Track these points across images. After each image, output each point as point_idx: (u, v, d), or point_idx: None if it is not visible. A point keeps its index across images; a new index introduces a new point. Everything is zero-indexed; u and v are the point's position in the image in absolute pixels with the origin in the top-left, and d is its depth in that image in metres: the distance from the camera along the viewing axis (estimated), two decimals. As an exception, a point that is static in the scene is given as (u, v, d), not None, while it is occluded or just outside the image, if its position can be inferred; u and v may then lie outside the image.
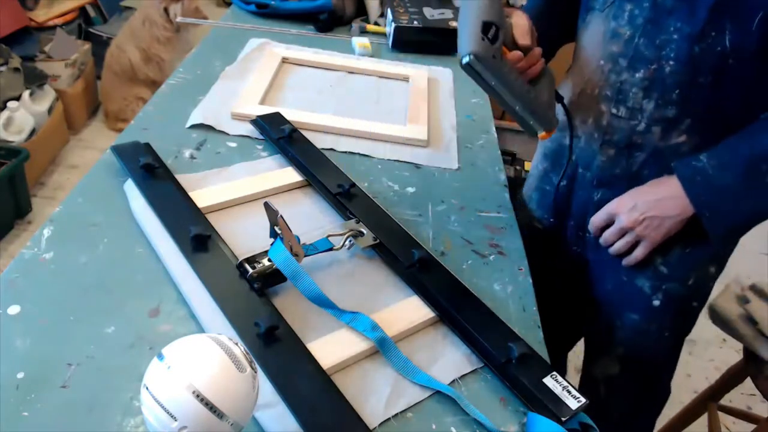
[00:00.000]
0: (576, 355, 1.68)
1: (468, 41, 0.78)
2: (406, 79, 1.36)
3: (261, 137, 1.07)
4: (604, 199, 0.89)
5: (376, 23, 1.64)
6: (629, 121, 0.83)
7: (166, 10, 2.55)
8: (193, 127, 1.07)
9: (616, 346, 0.94)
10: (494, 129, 1.23)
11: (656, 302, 0.87)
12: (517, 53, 0.82)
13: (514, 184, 1.45)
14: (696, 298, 0.87)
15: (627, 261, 0.85)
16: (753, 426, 1.36)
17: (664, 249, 0.84)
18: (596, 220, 0.86)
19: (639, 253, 0.83)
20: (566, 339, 1.19)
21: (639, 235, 0.82)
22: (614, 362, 0.96)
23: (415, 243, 0.85)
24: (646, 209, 0.80)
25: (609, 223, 0.85)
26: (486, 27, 0.78)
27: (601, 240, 0.86)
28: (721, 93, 0.74)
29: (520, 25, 0.82)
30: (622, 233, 0.83)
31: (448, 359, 0.72)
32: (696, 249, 0.83)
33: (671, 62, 0.77)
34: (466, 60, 0.78)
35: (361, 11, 1.68)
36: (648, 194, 0.81)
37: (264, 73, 1.26)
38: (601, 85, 0.85)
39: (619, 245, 0.84)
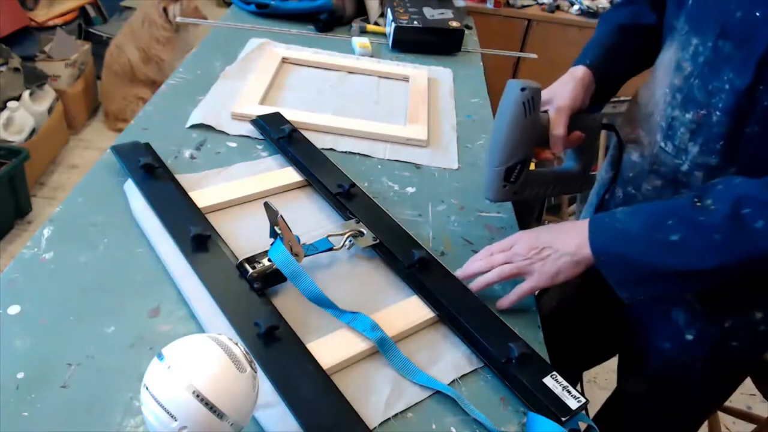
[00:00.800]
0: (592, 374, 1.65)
1: (490, 189, 0.83)
2: (406, 79, 1.36)
3: (261, 137, 1.07)
4: None
5: (376, 23, 1.64)
6: (674, 158, 0.80)
7: (165, 10, 2.55)
8: (193, 127, 1.07)
9: (647, 368, 0.92)
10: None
11: (689, 336, 0.84)
12: (549, 155, 0.85)
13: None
14: (736, 339, 0.83)
15: (502, 302, 0.79)
16: (753, 426, 1.36)
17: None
18: (495, 246, 0.81)
19: (525, 286, 0.77)
20: (592, 355, 1.17)
21: (530, 266, 0.76)
22: (643, 382, 0.94)
23: (415, 243, 0.85)
24: (548, 241, 0.76)
25: (509, 248, 0.79)
26: (510, 171, 0.81)
27: (486, 262, 0.79)
28: (766, 146, 0.71)
29: (557, 135, 0.81)
30: (513, 259, 0.78)
31: (448, 359, 0.72)
32: (733, 293, 0.79)
33: (718, 113, 0.74)
34: (488, 200, 0.86)
35: (361, 11, 1.68)
36: (554, 230, 0.78)
37: (264, 73, 1.26)
38: (660, 113, 0.82)
39: (504, 269, 0.78)
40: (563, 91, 0.84)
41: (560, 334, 0.82)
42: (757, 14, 0.68)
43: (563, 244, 0.75)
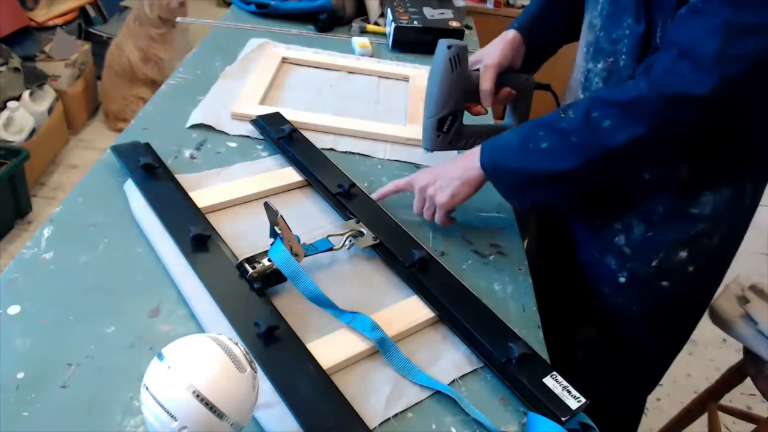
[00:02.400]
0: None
1: (426, 138, 0.94)
2: (406, 79, 1.36)
3: (261, 137, 1.07)
4: None
5: (376, 23, 1.64)
6: None
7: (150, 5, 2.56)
8: (193, 127, 1.07)
9: (591, 315, 0.98)
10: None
11: (622, 279, 0.91)
12: (481, 109, 0.98)
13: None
14: (665, 278, 0.89)
15: (431, 216, 0.91)
16: (753, 426, 1.36)
17: (627, 230, 0.88)
18: (398, 182, 0.93)
19: (438, 218, 0.89)
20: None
21: (431, 198, 0.88)
22: (592, 328, 1.00)
23: (415, 243, 0.85)
24: (439, 171, 0.88)
25: (410, 185, 0.91)
26: (442, 121, 0.91)
27: (396, 189, 0.93)
28: None
29: (484, 89, 0.92)
30: (422, 198, 0.89)
31: (448, 359, 0.72)
32: (657, 233, 0.86)
33: (623, 56, 0.81)
34: (426, 152, 0.96)
35: (361, 11, 1.68)
36: (445, 163, 0.89)
37: (264, 73, 1.26)
38: (579, 69, 0.90)
39: (416, 207, 0.91)
40: (492, 51, 0.94)
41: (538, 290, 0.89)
42: None
43: (451, 171, 0.86)
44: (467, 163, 0.85)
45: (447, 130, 0.89)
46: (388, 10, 1.56)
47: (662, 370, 1.07)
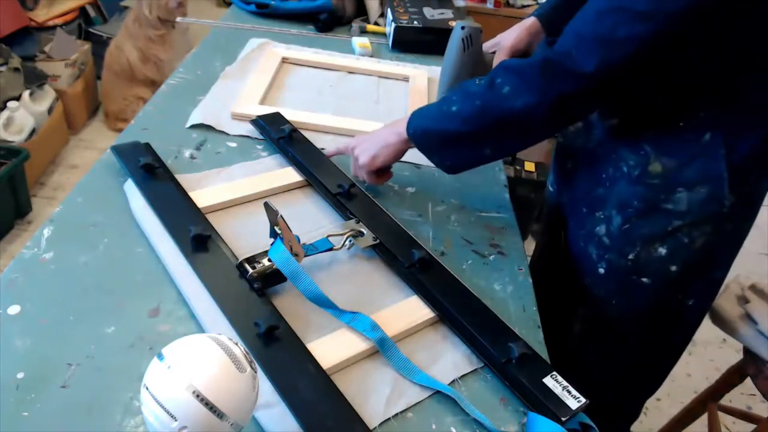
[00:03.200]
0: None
1: None
2: (406, 79, 1.36)
3: (261, 137, 1.07)
4: (571, 168, 0.99)
5: (376, 23, 1.64)
6: None
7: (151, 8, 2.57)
8: (193, 127, 1.07)
9: (578, 305, 0.99)
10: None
11: (601, 270, 0.92)
12: None
13: (514, 184, 1.45)
14: (644, 275, 0.89)
15: (357, 173, 0.98)
16: (753, 426, 1.36)
17: (608, 221, 0.90)
18: (339, 145, 1.01)
19: (363, 177, 0.97)
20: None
21: (356, 158, 0.95)
22: (580, 323, 1.01)
23: (415, 243, 0.85)
24: (366, 137, 0.95)
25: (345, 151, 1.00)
26: None
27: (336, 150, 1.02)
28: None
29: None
30: (354, 159, 0.96)
31: (448, 359, 0.72)
32: (632, 226, 0.88)
33: None
34: None
35: (361, 11, 1.68)
36: (380, 129, 0.95)
37: (264, 73, 1.26)
38: None
39: (354, 172, 0.98)
40: (508, 35, 0.98)
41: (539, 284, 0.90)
42: None
43: (380, 134, 0.94)
44: (395, 128, 0.91)
45: None
46: (388, 10, 1.56)
47: (658, 372, 1.06)
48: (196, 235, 0.78)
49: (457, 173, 0.92)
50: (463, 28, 0.90)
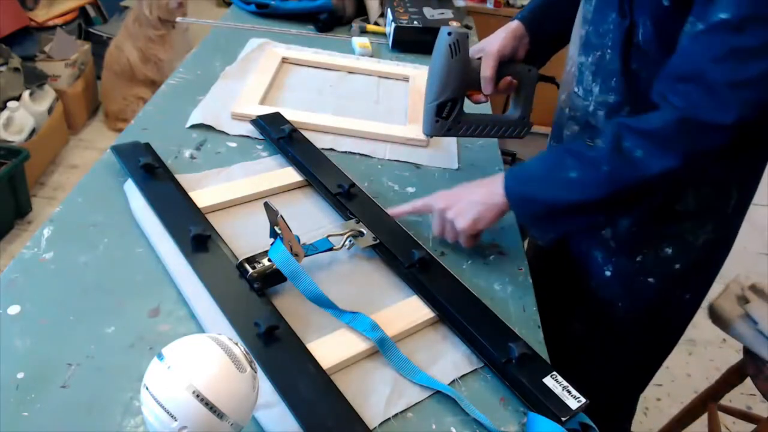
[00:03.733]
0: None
1: (425, 123, 0.93)
2: (406, 79, 1.36)
3: (261, 137, 1.07)
4: None
5: (376, 23, 1.64)
6: (583, 101, 0.89)
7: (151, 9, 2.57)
8: (193, 127, 1.07)
9: (580, 308, 0.99)
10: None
11: (607, 273, 0.92)
12: (481, 97, 0.98)
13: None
14: (650, 275, 0.90)
15: (454, 239, 0.88)
16: (753, 426, 1.36)
17: (614, 224, 0.89)
18: (416, 204, 0.91)
19: (462, 242, 0.87)
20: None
21: (452, 222, 0.85)
22: (580, 323, 1.01)
23: (415, 243, 0.85)
24: (460, 193, 0.86)
25: (429, 208, 0.89)
26: (441, 107, 0.90)
27: (413, 210, 0.91)
28: (651, 84, 0.77)
29: (486, 81, 0.92)
30: (442, 221, 0.87)
31: (448, 359, 0.72)
32: (642, 229, 0.87)
33: (609, 51, 0.82)
34: (425, 135, 0.96)
35: (361, 11, 1.68)
36: (466, 186, 0.87)
37: (264, 73, 1.26)
38: (573, 62, 0.91)
39: (435, 229, 0.89)
40: (494, 40, 0.94)
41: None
42: None
43: (473, 194, 0.84)
44: (491, 188, 0.82)
45: (446, 116, 0.90)
46: (388, 10, 1.56)
47: (653, 368, 1.07)
48: (196, 235, 0.78)
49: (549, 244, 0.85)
50: (450, 33, 0.86)
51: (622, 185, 0.73)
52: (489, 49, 0.93)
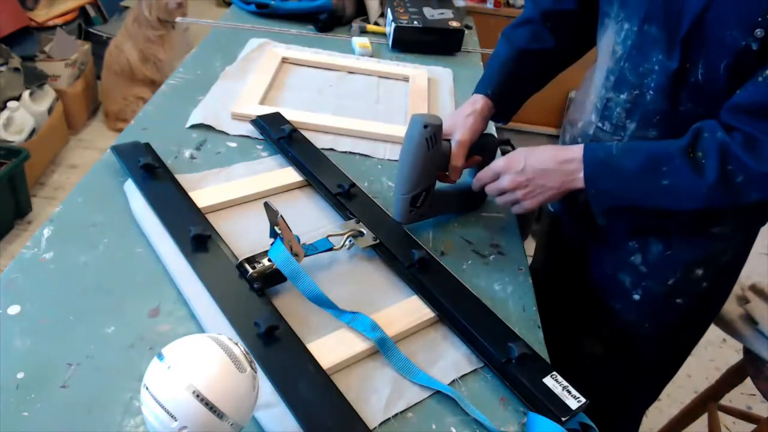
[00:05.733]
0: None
1: (398, 213, 0.89)
2: (406, 79, 1.36)
3: (261, 137, 1.07)
4: None
5: (376, 23, 1.64)
6: (612, 135, 0.85)
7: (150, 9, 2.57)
8: (193, 127, 1.07)
9: (601, 329, 0.98)
10: (494, 129, 1.23)
11: (636, 297, 0.90)
12: (452, 178, 0.92)
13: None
14: (680, 296, 0.88)
15: (514, 210, 0.88)
16: (753, 426, 1.36)
17: (644, 249, 0.87)
18: (482, 176, 0.88)
19: (516, 209, 0.87)
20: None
21: (519, 197, 0.84)
22: (599, 344, 0.99)
23: (415, 243, 0.85)
24: (533, 175, 0.82)
25: (495, 179, 0.87)
26: (416, 198, 0.87)
27: (487, 190, 0.89)
28: (700, 119, 0.75)
29: (455, 170, 0.90)
30: (502, 192, 0.85)
31: (448, 359, 0.72)
32: (676, 252, 0.85)
33: (651, 92, 0.78)
34: (399, 222, 0.90)
35: (361, 11, 1.68)
36: (540, 161, 0.82)
37: (264, 73, 1.26)
38: (596, 94, 0.87)
39: (499, 201, 0.88)
40: (464, 124, 0.90)
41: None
42: None
43: (549, 179, 0.81)
44: (567, 174, 0.80)
45: (420, 205, 0.88)
46: (388, 10, 1.56)
47: (666, 381, 1.06)
48: (196, 235, 0.78)
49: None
50: (426, 126, 0.82)
51: (717, 203, 0.72)
52: (460, 137, 0.89)
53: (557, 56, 0.96)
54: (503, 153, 1.02)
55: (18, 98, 2.26)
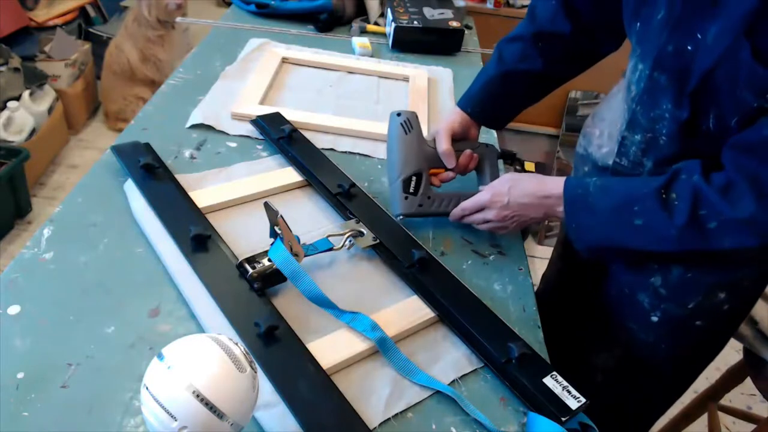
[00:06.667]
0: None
1: (395, 204, 0.91)
2: (406, 79, 1.36)
3: (261, 137, 1.07)
4: None
5: (376, 23, 1.64)
6: (631, 171, 0.84)
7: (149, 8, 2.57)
8: (193, 127, 1.07)
9: (614, 346, 0.95)
10: (495, 135, 1.23)
11: (654, 318, 0.87)
12: (448, 174, 0.95)
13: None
14: (700, 318, 0.86)
15: (499, 233, 0.92)
16: (753, 426, 1.36)
17: (665, 272, 0.84)
18: (467, 207, 0.89)
19: (500, 232, 0.90)
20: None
21: (502, 226, 0.88)
22: (611, 359, 0.98)
23: (415, 243, 0.85)
24: (517, 209, 0.85)
25: (479, 210, 0.89)
26: (407, 183, 0.90)
27: (471, 220, 0.91)
28: (717, 158, 0.73)
29: (445, 155, 0.93)
30: (489, 222, 0.88)
31: (448, 359, 0.72)
32: (697, 275, 0.83)
33: (664, 137, 0.77)
34: (398, 217, 0.91)
35: (361, 11, 1.68)
36: (523, 195, 0.84)
37: (264, 73, 1.26)
38: (615, 128, 0.86)
39: (482, 227, 0.90)
40: (443, 119, 0.97)
41: (547, 318, 0.86)
42: (689, 48, 0.69)
43: (532, 212, 0.84)
44: (549, 207, 0.82)
45: (414, 191, 0.90)
46: (388, 10, 1.56)
47: (677, 397, 1.04)
48: (196, 235, 0.78)
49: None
50: (398, 114, 0.92)
51: (688, 247, 0.71)
52: (440, 127, 0.94)
53: (544, 78, 0.97)
54: (504, 159, 1.04)
55: (18, 98, 2.26)
